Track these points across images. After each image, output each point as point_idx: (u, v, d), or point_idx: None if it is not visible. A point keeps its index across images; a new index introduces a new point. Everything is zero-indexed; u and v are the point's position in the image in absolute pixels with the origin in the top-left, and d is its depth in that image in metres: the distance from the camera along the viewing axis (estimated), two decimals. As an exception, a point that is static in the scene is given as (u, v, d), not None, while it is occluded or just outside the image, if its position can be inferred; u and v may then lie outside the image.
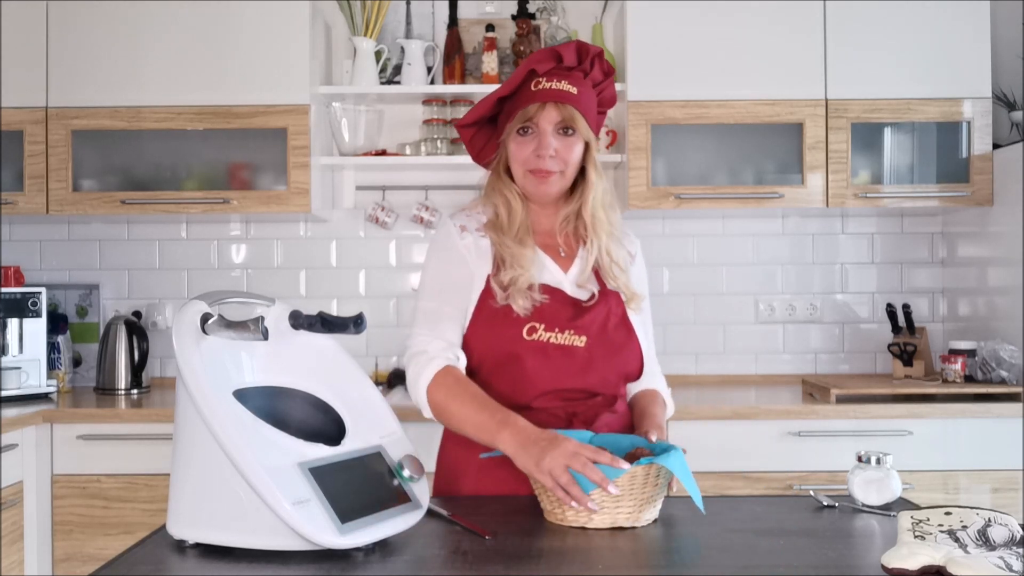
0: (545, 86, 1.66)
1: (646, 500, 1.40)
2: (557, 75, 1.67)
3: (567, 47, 1.69)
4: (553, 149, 1.67)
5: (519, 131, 1.68)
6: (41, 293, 3.00)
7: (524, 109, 1.66)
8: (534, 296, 1.64)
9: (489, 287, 1.67)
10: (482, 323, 1.66)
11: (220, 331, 1.31)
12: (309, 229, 3.40)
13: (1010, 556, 1.11)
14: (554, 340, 1.64)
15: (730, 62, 3.00)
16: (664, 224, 3.38)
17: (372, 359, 3.33)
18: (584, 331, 1.66)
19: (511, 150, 1.70)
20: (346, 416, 1.41)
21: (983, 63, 2.99)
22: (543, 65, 1.67)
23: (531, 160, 1.67)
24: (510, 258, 1.66)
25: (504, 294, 1.64)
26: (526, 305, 1.63)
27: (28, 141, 3.01)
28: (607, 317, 1.69)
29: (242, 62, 3.00)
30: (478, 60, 3.32)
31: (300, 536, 1.20)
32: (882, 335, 3.32)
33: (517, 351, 1.64)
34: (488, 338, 1.65)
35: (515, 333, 1.64)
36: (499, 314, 1.65)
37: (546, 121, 1.66)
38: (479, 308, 1.67)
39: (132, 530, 2.70)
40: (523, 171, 1.69)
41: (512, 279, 1.64)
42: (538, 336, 1.64)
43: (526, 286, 1.64)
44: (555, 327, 1.65)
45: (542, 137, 1.66)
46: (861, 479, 1.53)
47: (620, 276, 1.73)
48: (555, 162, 1.68)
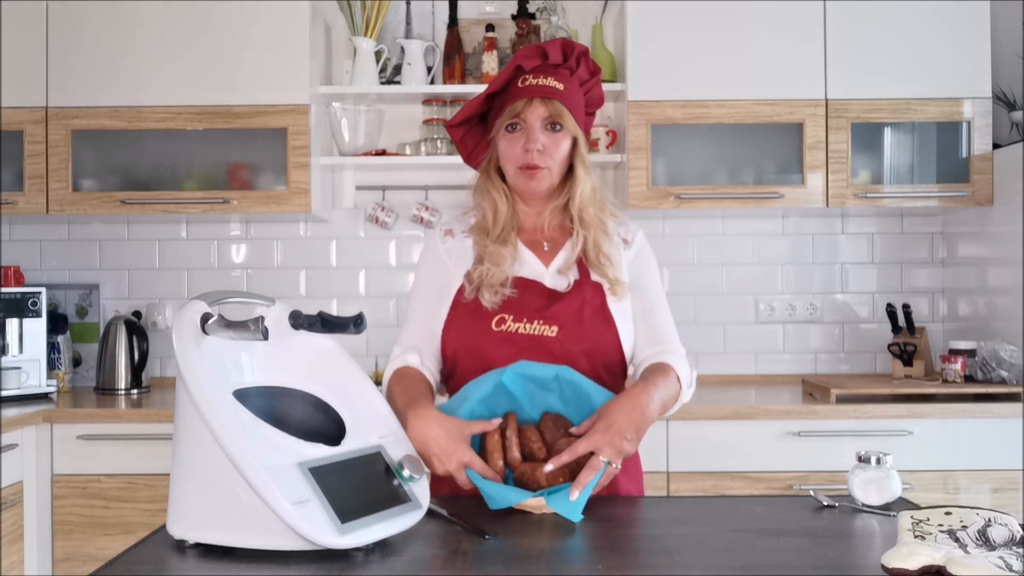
0: (532, 82, 1.68)
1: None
2: (544, 72, 1.69)
3: (552, 44, 1.71)
4: (541, 144, 1.68)
5: (507, 127, 1.70)
6: (41, 293, 3.00)
7: (512, 105, 1.68)
8: (503, 291, 1.67)
9: (464, 284, 1.71)
10: (455, 317, 1.71)
11: (220, 331, 1.31)
12: (309, 229, 3.40)
13: (1010, 556, 1.11)
14: (523, 330, 1.66)
15: (730, 62, 3.00)
16: (664, 224, 3.38)
17: (372, 359, 3.33)
18: (554, 320, 1.67)
19: (501, 148, 1.72)
20: (346, 416, 1.41)
21: (983, 63, 2.99)
22: (529, 62, 1.69)
23: (520, 156, 1.69)
24: (487, 256, 1.70)
25: (472, 288, 1.68)
26: (494, 299, 1.66)
27: (28, 141, 3.01)
28: (581, 307, 1.69)
29: (242, 62, 3.00)
30: (478, 60, 3.32)
31: (300, 536, 1.20)
32: (882, 335, 3.32)
33: (485, 342, 1.67)
34: (459, 331, 1.69)
35: (484, 325, 1.67)
36: (470, 308, 1.69)
37: (534, 116, 1.68)
38: (454, 304, 1.71)
39: (132, 530, 2.70)
40: (514, 168, 1.71)
41: (481, 273, 1.68)
42: (506, 327, 1.66)
43: (498, 282, 1.67)
44: (523, 317, 1.67)
45: (530, 132, 1.68)
46: (861, 479, 1.53)
47: (608, 269, 1.73)
48: (543, 157, 1.69)
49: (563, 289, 1.71)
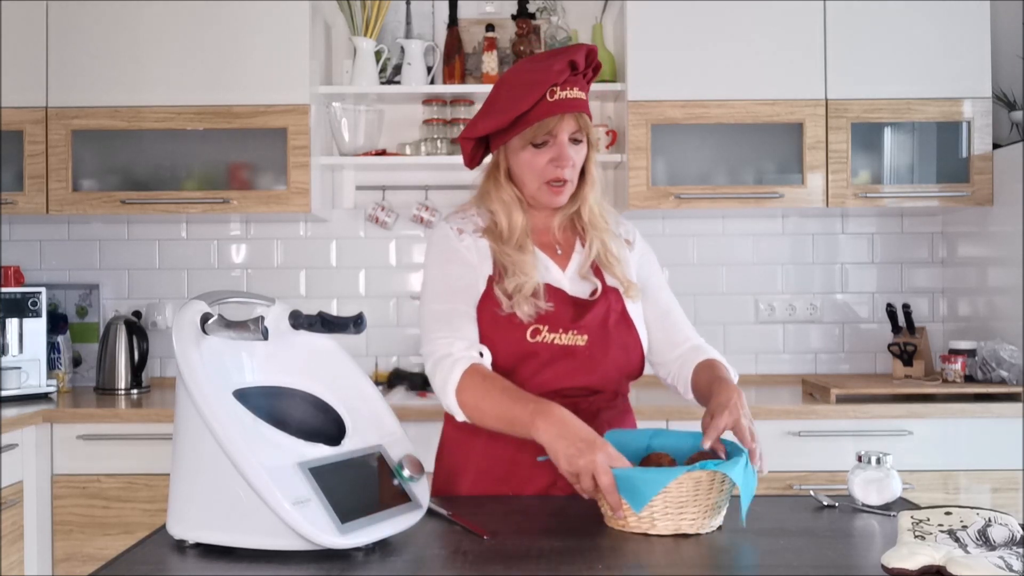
0: (560, 96, 1.62)
1: (711, 507, 1.35)
2: (569, 83, 1.64)
3: (577, 52, 1.65)
4: (572, 161, 1.66)
5: (534, 144, 1.65)
6: (41, 293, 3.00)
7: (543, 121, 1.62)
8: (539, 304, 1.62)
9: (491, 290, 1.66)
10: (486, 327, 1.65)
11: (220, 331, 1.31)
12: (309, 229, 3.40)
13: (1010, 556, 1.11)
14: (558, 341, 1.64)
15: (730, 62, 2.99)
16: (664, 224, 3.38)
17: (372, 359, 3.33)
18: (585, 330, 1.66)
19: (524, 160, 1.66)
20: (346, 416, 1.41)
21: (983, 63, 2.99)
22: (561, 76, 1.62)
23: (548, 171, 1.65)
24: (512, 266, 1.65)
25: (509, 302, 1.63)
26: (531, 312, 1.62)
27: (28, 141, 3.01)
28: (607, 314, 1.69)
29: (242, 62, 3.00)
30: (478, 60, 3.32)
31: (300, 536, 1.20)
32: (882, 335, 3.32)
33: (522, 354, 1.63)
34: (493, 342, 1.64)
35: (519, 336, 1.63)
36: (503, 318, 1.64)
37: (564, 132, 1.64)
38: (481, 311, 1.66)
39: (132, 530, 2.70)
40: (539, 183, 1.67)
41: (517, 286, 1.63)
42: (542, 338, 1.63)
43: (531, 292, 1.63)
44: (559, 328, 1.64)
45: (561, 148, 1.64)
46: (861, 479, 1.53)
47: (617, 267, 1.73)
48: (572, 171, 1.67)
49: (583, 295, 1.70)
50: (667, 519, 1.33)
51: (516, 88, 1.64)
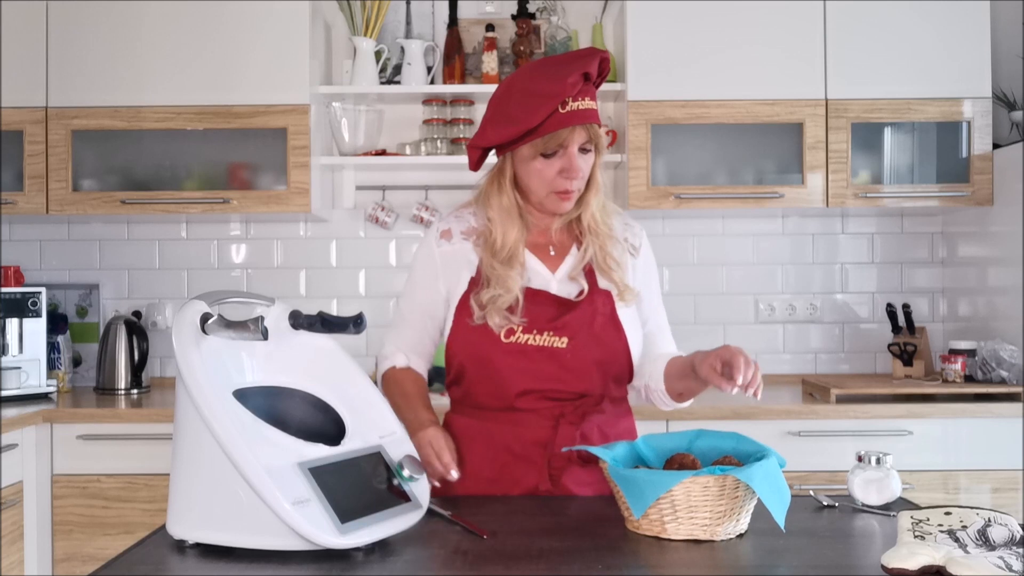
0: (573, 107, 1.60)
1: (725, 512, 1.32)
2: (582, 93, 1.62)
3: (591, 60, 1.63)
4: (582, 172, 1.66)
5: (544, 154, 1.64)
6: (41, 293, 3.00)
7: (555, 134, 1.61)
8: (511, 318, 1.64)
9: (468, 296, 1.68)
10: (462, 327, 1.68)
11: (220, 331, 1.31)
12: (309, 229, 3.40)
13: (1010, 556, 1.11)
14: (532, 342, 1.64)
15: (730, 62, 2.99)
16: (664, 224, 3.38)
17: (372, 359, 3.32)
18: (565, 331, 1.65)
19: (534, 169, 1.65)
20: (346, 416, 1.42)
21: (983, 63, 2.99)
22: (575, 88, 1.60)
23: (558, 181, 1.65)
24: (495, 279, 1.66)
25: (481, 313, 1.65)
26: (501, 323, 1.64)
27: (28, 141, 3.01)
28: (593, 316, 1.68)
29: (242, 62, 3.00)
30: (478, 60, 3.32)
31: (300, 536, 1.20)
32: (882, 335, 3.32)
33: (494, 354, 1.65)
34: (468, 342, 1.67)
35: (493, 336, 1.65)
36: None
37: (575, 144, 1.63)
38: (459, 313, 1.69)
39: (132, 530, 2.70)
40: (547, 192, 1.67)
41: (492, 298, 1.65)
42: (516, 339, 1.65)
43: (506, 306, 1.64)
44: (533, 329, 1.65)
45: (571, 160, 1.63)
46: (861, 479, 1.53)
47: (616, 271, 1.72)
48: (580, 181, 1.67)
49: (571, 296, 1.69)
50: (678, 523, 1.32)
51: (528, 98, 1.61)
